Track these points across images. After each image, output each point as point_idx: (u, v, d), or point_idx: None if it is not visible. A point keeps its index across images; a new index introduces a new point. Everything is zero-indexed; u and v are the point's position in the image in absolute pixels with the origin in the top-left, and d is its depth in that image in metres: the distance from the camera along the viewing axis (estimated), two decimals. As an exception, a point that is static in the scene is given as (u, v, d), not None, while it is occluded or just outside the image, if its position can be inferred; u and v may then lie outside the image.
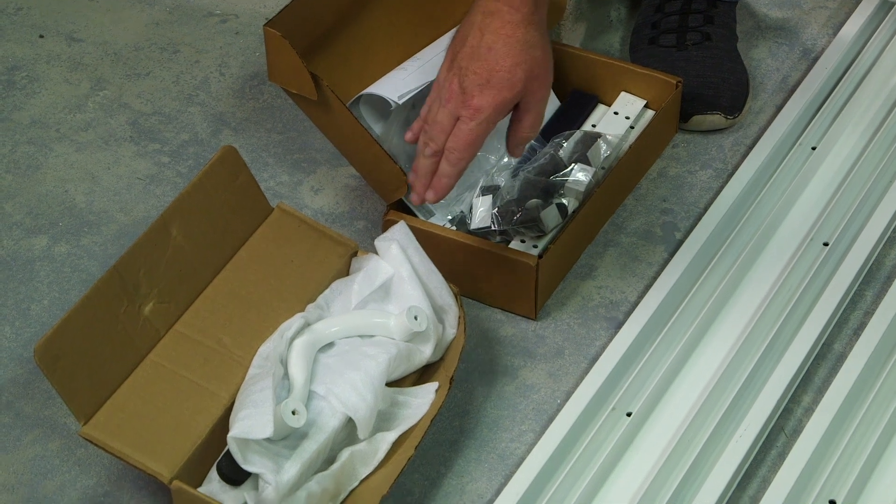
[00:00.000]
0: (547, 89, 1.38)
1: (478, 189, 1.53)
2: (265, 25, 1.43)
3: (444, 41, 1.57)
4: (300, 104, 1.49)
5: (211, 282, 1.36)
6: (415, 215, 1.51)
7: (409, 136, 1.44)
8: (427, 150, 1.38)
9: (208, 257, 1.36)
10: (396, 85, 1.50)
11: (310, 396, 1.30)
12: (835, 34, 1.79)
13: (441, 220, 1.53)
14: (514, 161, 1.58)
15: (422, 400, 1.34)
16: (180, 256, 1.34)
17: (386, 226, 1.48)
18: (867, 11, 1.80)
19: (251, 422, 1.23)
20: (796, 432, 1.36)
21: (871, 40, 1.77)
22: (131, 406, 1.26)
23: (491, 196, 1.52)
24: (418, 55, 1.56)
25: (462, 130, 1.35)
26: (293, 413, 1.25)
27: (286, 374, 1.31)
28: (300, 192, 1.63)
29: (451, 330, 1.39)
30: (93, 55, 1.81)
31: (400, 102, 1.47)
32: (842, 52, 1.74)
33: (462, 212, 1.54)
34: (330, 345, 1.35)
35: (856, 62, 1.73)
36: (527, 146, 1.52)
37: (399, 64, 1.55)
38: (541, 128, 1.42)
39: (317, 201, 1.62)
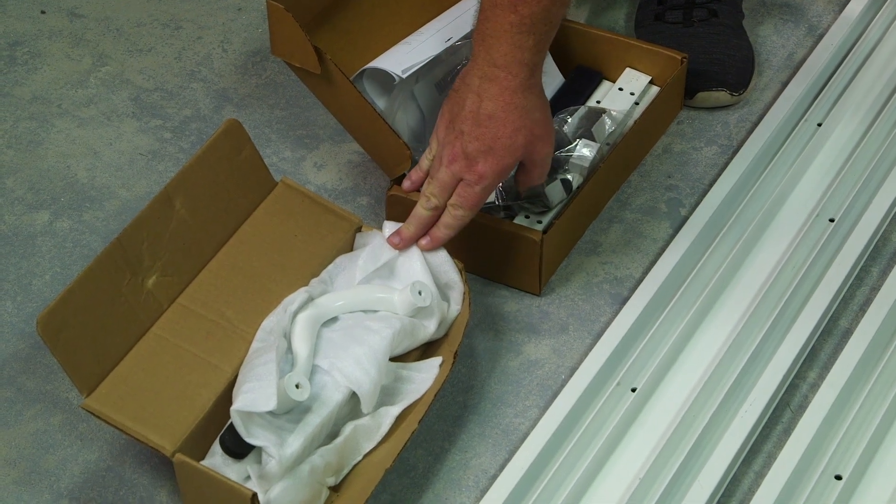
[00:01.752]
0: (550, 146, 1.40)
1: (482, 165, 1.53)
2: (268, -1, 1.43)
3: (448, 16, 1.56)
4: (303, 78, 1.48)
5: (214, 255, 1.36)
6: (418, 191, 1.50)
7: (406, 185, 1.46)
8: (428, 203, 1.39)
9: (212, 231, 1.36)
10: (400, 59, 1.49)
11: (313, 370, 1.29)
12: (840, 11, 1.78)
13: (445, 195, 1.52)
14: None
15: (425, 375, 1.33)
16: (184, 229, 1.33)
17: (389, 201, 1.47)
18: (874, -12, 1.80)
19: (255, 395, 1.22)
20: (801, 408, 1.35)
21: (876, 17, 1.76)
22: (134, 379, 1.25)
23: (495, 172, 1.51)
24: (422, 29, 1.55)
25: (469, 192, 1.38)
26: (297, 387, 1.25)
27: (289, 349, 1.30)
28: (303, 168, 1.62)
29: (456, 306, 1.38)
30: (94, 31, 1.80)
31: (404, 77, 1.47)
32: (847, 29, 1.74)
33: (466, 187, 1.53)
34: (333, 319, 1.35)
35: (861, 39, 1.73)
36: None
37: (403, 38, 1.54)
38: (546, 175, 1.44)
39: (320, 177, 1.61)
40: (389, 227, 1.40)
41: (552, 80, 1.64)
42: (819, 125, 1.62)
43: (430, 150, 1.43)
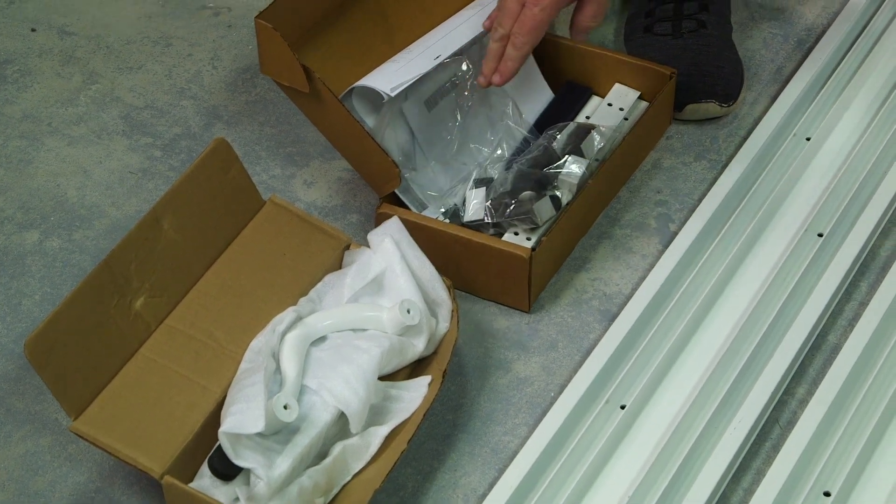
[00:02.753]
0: None
1: (471, 181, 1.53)
2: (257, 17, 1.43)
3: (436, 34, 1.56)
4: (292, 97, 1.49)
5: (203, 275, 1.36)
6: (407, 208, 1.50)
7: (486, 23, 1.54)
8: (495, 34, 1.48)
9: (200, 251, 1.36)
10: (389, 77, 1.49)
11: (302, 391, 1.29)
12: (829, 24, 1.78)
13: (434, 212, 1.52)
14: (507, 153, 1.58)
15: (414, 394, 1.33)
16: (172, 250, 1.33)
17: (379, 219, 1.47)
18: (862, 1, 1.80)
19: (242, 416, 1.23)
20: (790, 424, 1.35)
21: (865, 31, 1.76)
22: (122, 401, 1.25)
23: (484, 188, 1.51)
24: (410, 47, 1.55)
25: (526, 16, 1.45)
26: (285, 407, 1.25)
27: (278, 369, 1.31)
28: (293, 186, 1.62)
29: (445, 324, 1.39)
30: (85, 49, 1.80)
31: (392, 95, 1.47)
32: (836, 43, 1.74)
33: (455, 204, 1.53)
34: (322, 338, 1.35)
35: (850, 52, 1.73)
36: (522, 138, 1.53)
37: (391, 56, 1.54)
38: (602, 19, 1.52)
39: (310, 195, 1.61)
40: (376, 240, 1.41)
41: (541, 95, 1.64)
42: (808, 139, 1.63)
43: None
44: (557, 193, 1.51)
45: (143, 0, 1.88)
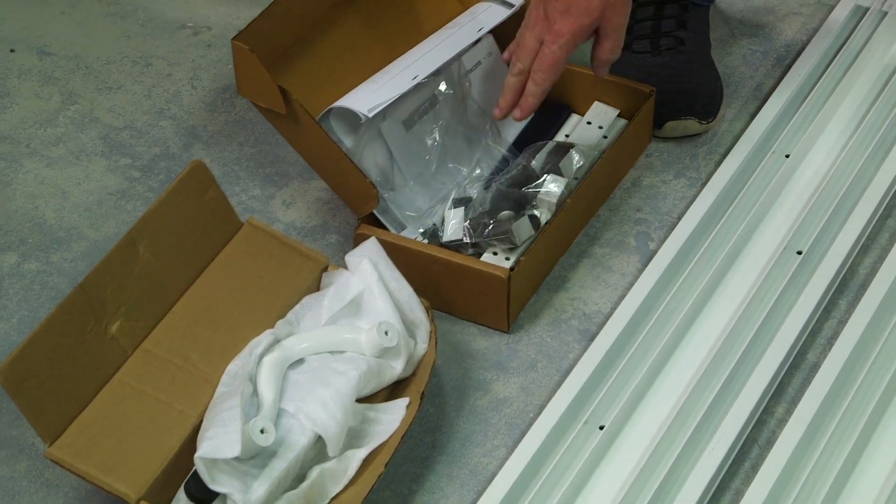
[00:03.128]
0: (624, 17, 1.50)
1: (450, 201, 1.53)
2: (233, 39, 1.43)
3: (414, 54, 1.56)
4: (269, 118, 1.48)
5: (180, 299, 1.35)
6: (386, 228, 1.50)
7: (505, 55, 1.55)
8: (514, 69, 1.51)
9: (177, 274, 1.36)
10: (366, 98, 1.49)
11: (279, 414, 1.29)
12: (809, 41, 1.78)
13: (413, 233, 1.52)
14: (486, 173, 1.57)
15: (392, 416, 1.33)
16: (148, 273, 1.33)
17: (357, 240, 1.47)
18: (841, 17, 1.80)
19: (219, 441, 1.22)
20: (769, 443, 1.35)
21: (844, 47, 1.76)
22: (98, 426, 1.25)
23: (463, 208, 1.51)
24: (388, 67, 1.55)
25: (546, 53, 1.48)
26: (262, 431, 1.24)
27: (255, 392, 1.30)
28: (272, 206, 1.62)
29: (423, 345, 1.38)
30: (64, 69, 1.80)
31: (370, 115, 1.46)
32: (815, 60, 1.74)
33: (434, 224, 1.53)
34: (300, 361, 1.35)
35: (829, 69, 1.73)
36: (501, 158, 1.53)
37: (369, 77, 1.54)
38: (620, 50, 1.53)
39: (289, 215, 1.61)
40: (354, 262, 1.40)
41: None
42: (787, 156, 1.62)
43: (524, 21, 1.51)
44: (536, 213, 1.51)
45: (123, 20, 1.87)
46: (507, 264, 1.48)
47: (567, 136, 1.64)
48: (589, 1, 1.46)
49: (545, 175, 1.52)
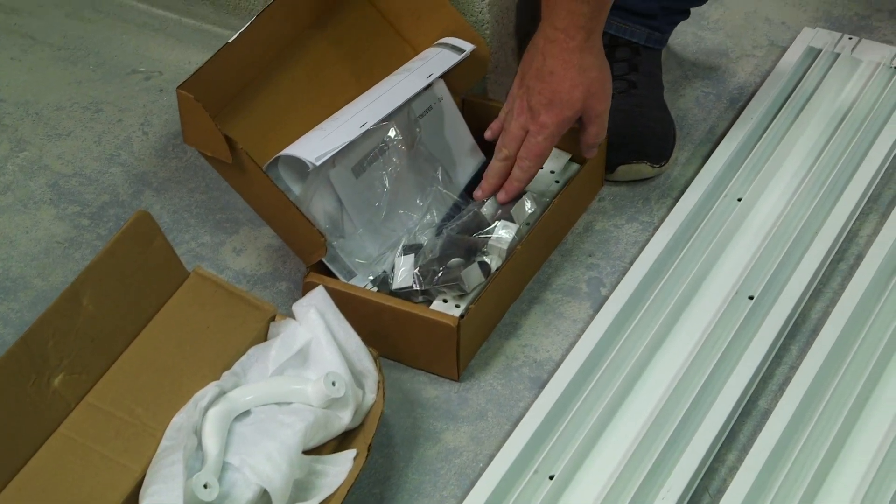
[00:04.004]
0: (606, 104, 1.55)
1: (400, 248, 1.52)
2: (178, 88, 1.42)
3: (362, 101, 1.55)
4: (216, 167, 1.47)
5: (124, 351, 1.34)
6: (335, 276, 1.49)
7: (488, 134, 1.60)
8: (500, 154, 1.55)
9: (121, 325, 1.34)
10: (314, 146, 1.48)
11: (224, 468, 1.28)
12: (762, 83, 1.78)
13: (363, 280, 1.51)
14: (437, 219, 1.57)
15: (339, 468, 1.31)
16: (92, 326, 1.31)
17: (306, 288, 1.46)
18: (794, 59, 1.80)
19: (161, 497, 1.21)
20: (720, 492, 1.34)
21: (797, 89, 1.76)
22: (39, 483, 1.23)
23: (413, 255, 1.50)
24: (336, 115, 1.54)
25: (531, 143, 1.52)
26: (205, 486, 1.23)
27: (200, 445, 1.29)
28: (222, 254, 1.61)
29: (371, 395, 1.37)
30: (14, 115, 1.79)
31: (317, 164, 1.45)
32: (768, 103, 1.74)
33: (385, 271, 1.52)
34: (246, 413, 1.33)
35: (781, 112, 1.73)
36: (452, 203, 1.53)
37: (318, 123, 1.53)
38: (604, 134, 1.58)
39: (239, 262, 1.60)
40: (301, 311, 1.39)
41: (472, 159, 1.64)
42: (739, 200, 1.62)
43: (507, 104, 1.57)
44: (486, 259, 1.50)
45: (75, 65, 1.86)
46: (457, 312, 1.47)
47: (519, 181, 1.63)
48: (571, 94, 1.50)
49: (496, 221, 1.52)
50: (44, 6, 1.94)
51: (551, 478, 1.35)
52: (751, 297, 1.51)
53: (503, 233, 1.51)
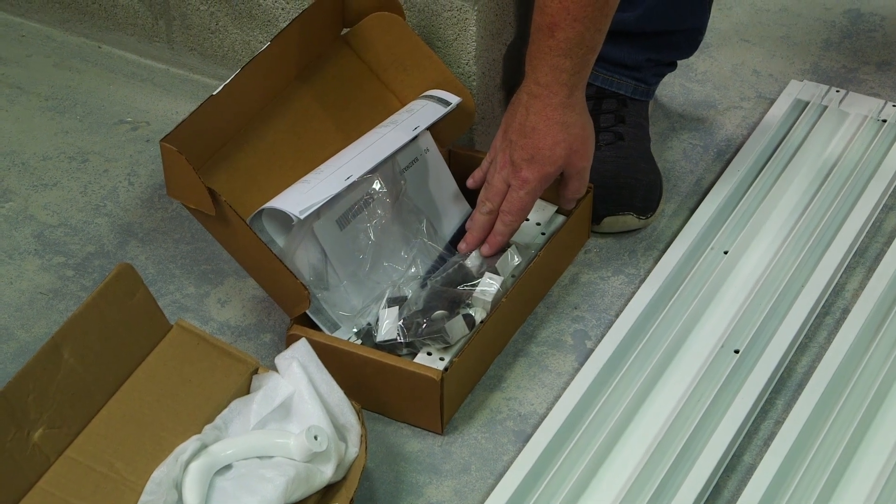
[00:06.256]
0: (587, 160, 1.55)
1: (384, 300, 1.51)
2: (161, 140, 1.41)
3: (347, 154, 1.55)
4: (200, 219, 1.47)
5: (105, 404, 1.33)
6: (319, 329, 1.49)
7: (470, 182, 1.61)
8: (483, 208, 1.56)
9: (102, 379, 1.33)
10: (298, 199, 1.47)
11: (203, 523, 1.27)
12: (749, 135, 1.78)
13: (347, 332, 1.50)
14: (422, 271, 1.56)
15: (321, 523, 1.31)
16: (72, 379, 1.30)
17: (289, 340, 1.45)
18: (781, 112, 1.80)
19: (139, 553, 1.20)
20: (705, 549, 1.33)
21: (784, 141, 1.76)
22: (16, 538, 1.22)
23: (397, 307, 1.50)
24: (321, 167, 1.54)
25: (513, 198, 1.53)
26: (184, 542, 1.22)
27: (180, 500, 1.28)
28: (206, 305, 1.60)
29: (354, 449, 1.36)
30: (-1, 165, 1.78)
31: (302, 217, 1.45)
32: (755, 155, 1.74)
33: (369, 324, 1.51)
34: (227, 467, 1.32)
35: (768, 165, 1.73)
36: (437, 256, 1.54)
37: (302, 176, 1.53)
38: (584, 189, 1.59)
39: (223, 314, 1.59)
40: (283, 364, 1.39)
41: (458, 210, 1.63)
42: (726, 252, 1.62)
43: (490, 154, 1.57)
44: (471, 312, 1.49)
45: (62, 115, 1.86)
46: (441, 365, 1.46)
47: (505, 233, 1.63)
48: (553, 150, 1.50)
49: (482, 274, 1.51)
50: (31, 56, 1.94)
51: (534, 533, 1.34)
52: (736, 351, 1.50)
53: (488, 285, 1.50)
